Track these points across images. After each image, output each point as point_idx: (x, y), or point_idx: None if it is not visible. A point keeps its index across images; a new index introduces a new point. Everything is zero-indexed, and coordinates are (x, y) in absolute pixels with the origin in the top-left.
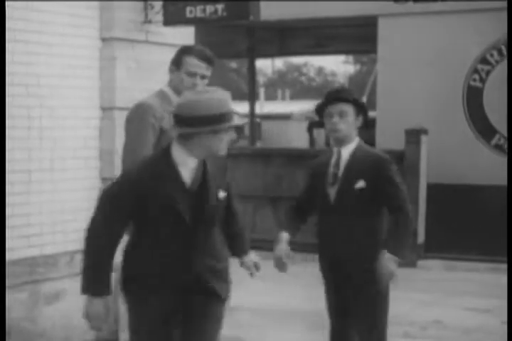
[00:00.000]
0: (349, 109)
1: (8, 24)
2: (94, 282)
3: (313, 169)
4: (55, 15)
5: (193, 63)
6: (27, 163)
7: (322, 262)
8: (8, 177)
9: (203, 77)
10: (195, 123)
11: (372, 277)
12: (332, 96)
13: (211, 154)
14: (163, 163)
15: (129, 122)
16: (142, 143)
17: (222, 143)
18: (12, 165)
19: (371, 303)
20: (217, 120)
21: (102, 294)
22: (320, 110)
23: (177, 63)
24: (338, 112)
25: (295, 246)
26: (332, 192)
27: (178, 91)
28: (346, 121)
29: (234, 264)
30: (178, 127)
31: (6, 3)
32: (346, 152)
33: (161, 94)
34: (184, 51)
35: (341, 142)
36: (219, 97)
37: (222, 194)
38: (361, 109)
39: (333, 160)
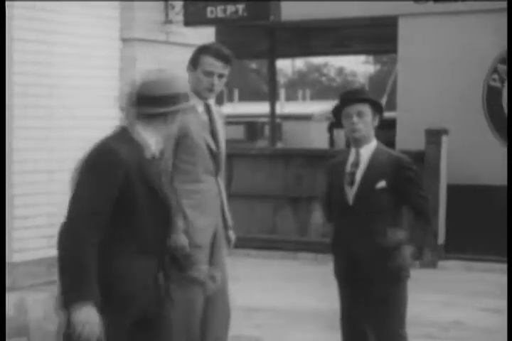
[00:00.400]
0: (367, 109)
1: (32, 25)
2: (87, 286)
3: (329, 168)
4: (77, 16)
5: (210, 62)
6: (48, 163)
7: (338, 263)
8: (31, 177)
9: (220, 76)
10: (164, 102)
11: (391, 278)
12: (349, 97)
13: (170, 135)
14: (131, 143)
15: None
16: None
17: (176, 124)
18: (34, 165)
19: (391, 304)
20: (182, 99)
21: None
22: (337, 111)
23: (194, 62)
24: (357, 112)
25: (305, 247)
26: (350, 192)
27: (196, 91)
28: (365, 121)
29: (246, 263)
30: (143, 107)
31: (30, 4)
32: (365, 152)
33: None
34: (201, 50)
35: (360, 142)
36: (179, 77)
37: None
38: (378, 108)
39: (350, 160)
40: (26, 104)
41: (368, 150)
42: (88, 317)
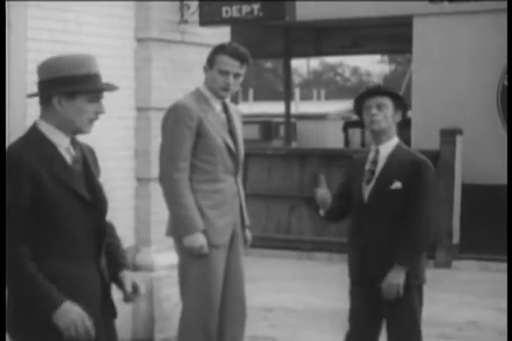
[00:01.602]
0: (388, 102)
1: (46, 25)
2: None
3: (349, 166)
4: (92, 15)
5: (226, 61)
6: None
7: (351, 261)
8: None
9: (236, 75)
10: (46, 86)
11: (407, 282)
12: (370, 90)
13: (76, 130)
14: (41, 143)
15: (165, 123)
16: (177, 144)
17: (84, 115)
18: None
19: (402, 306)
20: (69, 82)
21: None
22: (358, 105)
23: (210, 62)
24: (377, 105)
25: (321, 246)
26: (366, 190)
27: (213, 90)
28: (384, 113)
29: (262, 263)
30: (54, 88)
31: (44, 4)
32: (385, 150)
33: (197, 94)
34: (217, 49)
35: (379, 137)
36: (74, 58)
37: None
38: (400, 102)
39: (370, 157)
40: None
41: (387, 148)
42: (73, 314)
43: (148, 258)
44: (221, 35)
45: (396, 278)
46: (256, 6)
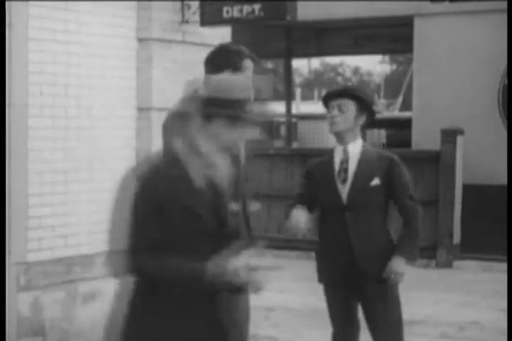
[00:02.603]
0: (349, 104)
1: (48, 25)
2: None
3: (312, 169)
4: (93, 15)
5: (251, 67)
6: (64, 163)
7: (328, 266)
8: (48, 177)
9: None
10: (217, 105)
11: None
12: (332, 91)
13: (227, 147)
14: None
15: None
16: None
17: (238, 137)
18: (51, 165)
19: (388, 302)
20: (237, 105)
21: None
22: (325, 105)
23: (235, 66)
24: (338, 106)
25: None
26: (344, 190)
27: None
28: (345, 115)
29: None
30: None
31: (46, 3)
32: (354, 149)
33: None
34: (241, 54)
35: (344, 137)
36: (244, 81)
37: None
38: (364, 106)
39: (339, 158)
40: (42, 103)
41: (356, 148)
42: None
43: None
44: (222, 35)
45: (400, 267)
46: (257, 6)
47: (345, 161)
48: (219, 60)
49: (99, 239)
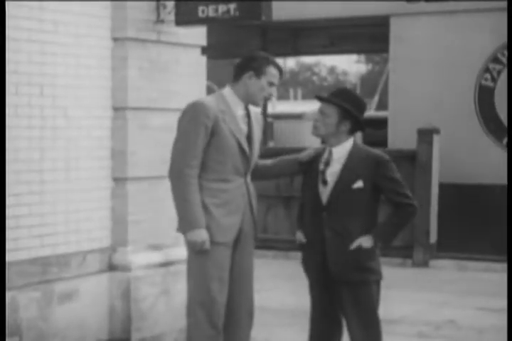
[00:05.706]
0: (330, 111)
1: (24, 24)
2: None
3: (305, 165)
4: (68, 15)
5: (275, 74)
6: (41, 162)
7: (309, 264)
8: (23, 176)
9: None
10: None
11: (361, 280)
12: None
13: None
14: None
15: (181, 119)
16: (191, 141)
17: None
18: (27, 165)
19: (361, 306)
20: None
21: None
22: None
23: (258, 71)
24: (320, 111)
25: (297, 246)
26: (324, 191)
27: (249, 97)
28: (326, 121)
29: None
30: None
31: (22, 3)
32: (338, 151)
33: (218, 96)
34: (266, 60)
35: (328, 141)
36: None
37: None
38: (346, 113)
39: (323, 158)
40: (18, 103)
41: (342, 150)
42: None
43: (125, 258)
44: (197, 34)
45: (367, 242)
46: (232, 6)
47: (326, 163)
48: (245, 62)
49: (75, 238)
